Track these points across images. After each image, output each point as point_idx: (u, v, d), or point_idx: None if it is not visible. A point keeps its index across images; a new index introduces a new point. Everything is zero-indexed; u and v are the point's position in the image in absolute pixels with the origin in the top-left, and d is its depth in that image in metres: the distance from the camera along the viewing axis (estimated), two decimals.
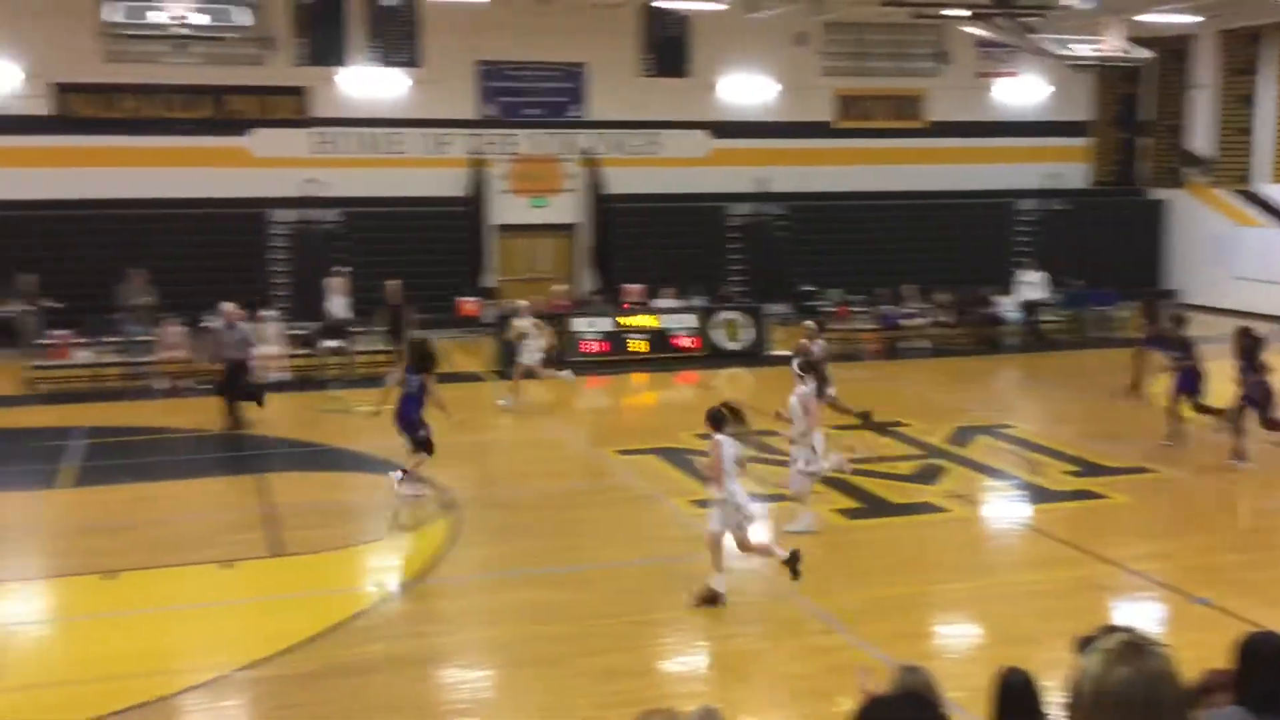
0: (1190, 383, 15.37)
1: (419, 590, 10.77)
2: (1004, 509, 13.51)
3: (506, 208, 27.19)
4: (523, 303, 20.04)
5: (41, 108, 24.01)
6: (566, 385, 19.24)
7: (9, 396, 19.14)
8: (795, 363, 12.70)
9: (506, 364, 19.73)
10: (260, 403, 17.22)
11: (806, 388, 12.24)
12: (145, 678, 8.74)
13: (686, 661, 9.35)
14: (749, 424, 10.63)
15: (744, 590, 10.52)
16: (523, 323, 19.01)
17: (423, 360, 13.52)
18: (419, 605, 10.45)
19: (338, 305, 22.40)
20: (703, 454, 10.57)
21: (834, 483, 13.63)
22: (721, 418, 10.18)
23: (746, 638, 9.60)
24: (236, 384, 17.07)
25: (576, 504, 13.35)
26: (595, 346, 22.38)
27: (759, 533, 10.64)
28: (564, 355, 20.59)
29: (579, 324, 22.56)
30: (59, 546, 11.97)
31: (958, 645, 9.82)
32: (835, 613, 9.85)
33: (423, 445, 13.35)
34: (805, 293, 27.26)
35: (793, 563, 10.07)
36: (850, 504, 13.05)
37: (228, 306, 17.61)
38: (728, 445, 10.04)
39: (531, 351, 18.74)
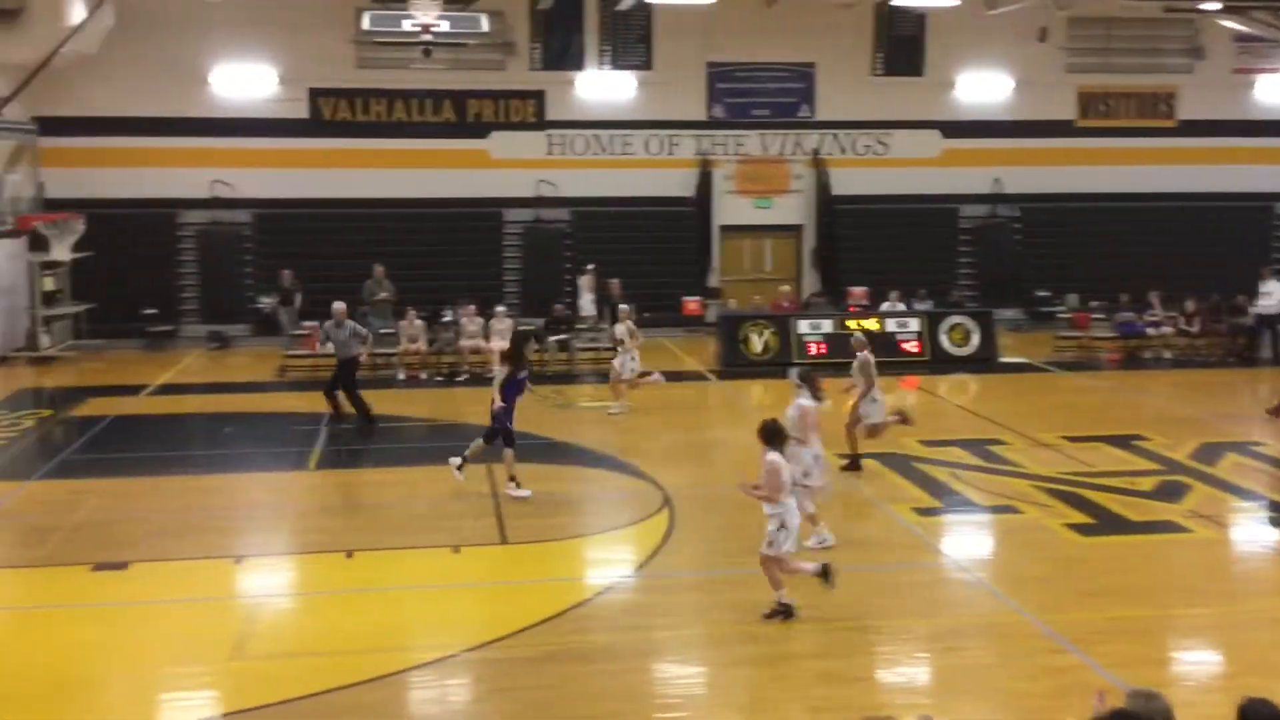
0: None
1: (637, 584, 10.90)
2: (1254, 531, 12.63)
3: (732, 208, 27.25)
4: (623, 307, 19.50)
5: (298, 112, 25.51)
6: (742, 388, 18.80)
7: (266, 383, 20.45)
8: (793, 374, 12.23)
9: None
10: (367, 415, 17.11)
11: (806, 399, 11.73)
12: (378, 654, 9.17)
13: (905, 672, 9.12)
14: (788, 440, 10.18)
15: (971, 604, 10.22)
16: (619, 329, 18.42)
17: (517, 352, 13.74)
18: (636, 598, 10.57)
19: (587, 301, 22.97)
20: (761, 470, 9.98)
21: (1067, 496, 13.09)
22: (777, 434, 9.90)
23: (971, 651, 9.29)
24: (348, 380, 17.09)
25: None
26: (817, 348, 22.16)
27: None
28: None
29: (801, 326, 22.39)
30: (303, 525, 12.67)
31: (1198, 673, 9.24)
32: (1067, 632, 9.42)
33: (508, 438, 13.41)
34: (1039, 298, 26.31)
35: (825, 575, 9.70)
36: (1083, 519, 12.47)
37: (338, 305, 17.41)
38: (784, 463, 9.77)
39: (625, 359, 18.02)
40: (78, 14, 20.41)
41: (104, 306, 24.14)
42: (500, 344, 21.12)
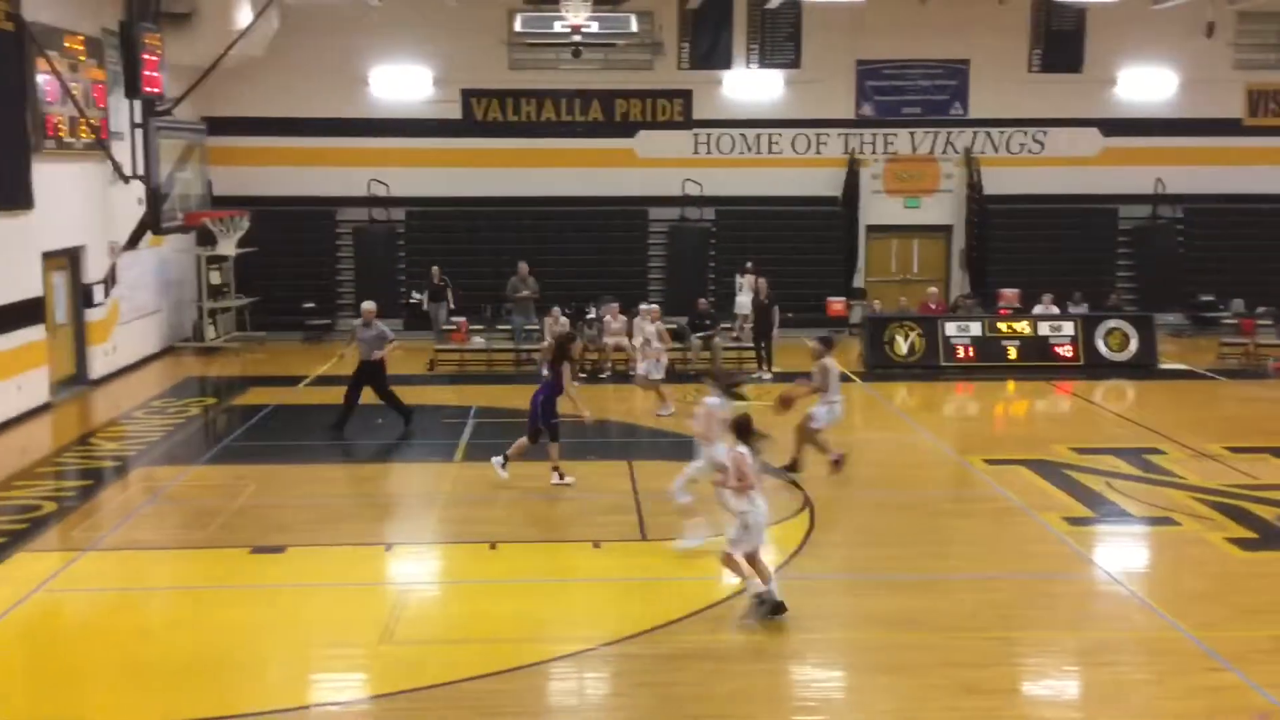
0: None
1: (776, 584, 10.82)
2: None
3: (879, 208, 26.88)
4: (644, 306, 19.33)
5: (451, 112, 26.10)
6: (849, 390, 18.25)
7: (417, 376, 20.99)
8: (713, 380, 12.49)
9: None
10: (407, 418, 16.74)
11: (714, 399, 11.83)
12: (519, 644, 9.33)
13: (1054, 685, 8.88)
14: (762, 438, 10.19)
15: (1123, 617, 9.90)
16: (649, 328, 18.12)
17: (560, 353, 13.89)
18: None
19: (745, 300, 22.98)
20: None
21: (1230, 509, 12.56)
22: (746, 429, 9.96)
23: (1122, 667, 8.99)
24: (376, 382, 16.57)
25: (940, 511, 13.01)
26: (965, 351, 21.73)
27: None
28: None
29: (949, 328, 21.97)
30: (449, 515, 12.96)
31: None
32: (1225, 650, 9.05)
33: (554, 433, 13.61)
34: (1202, 303, 25.31)
35: (761, 604, 9.73)
36: (1246, 533, 11.95)
37: (367, 305, 17.10)
38: (750, 456, 9.79)
39: (651, 360, 17.85)
40: (245, 17, 21.26)
41: (266, 300, 25.15)
42: (656, 344, 21.30)
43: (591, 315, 21.97)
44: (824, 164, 26.59)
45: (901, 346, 21.86)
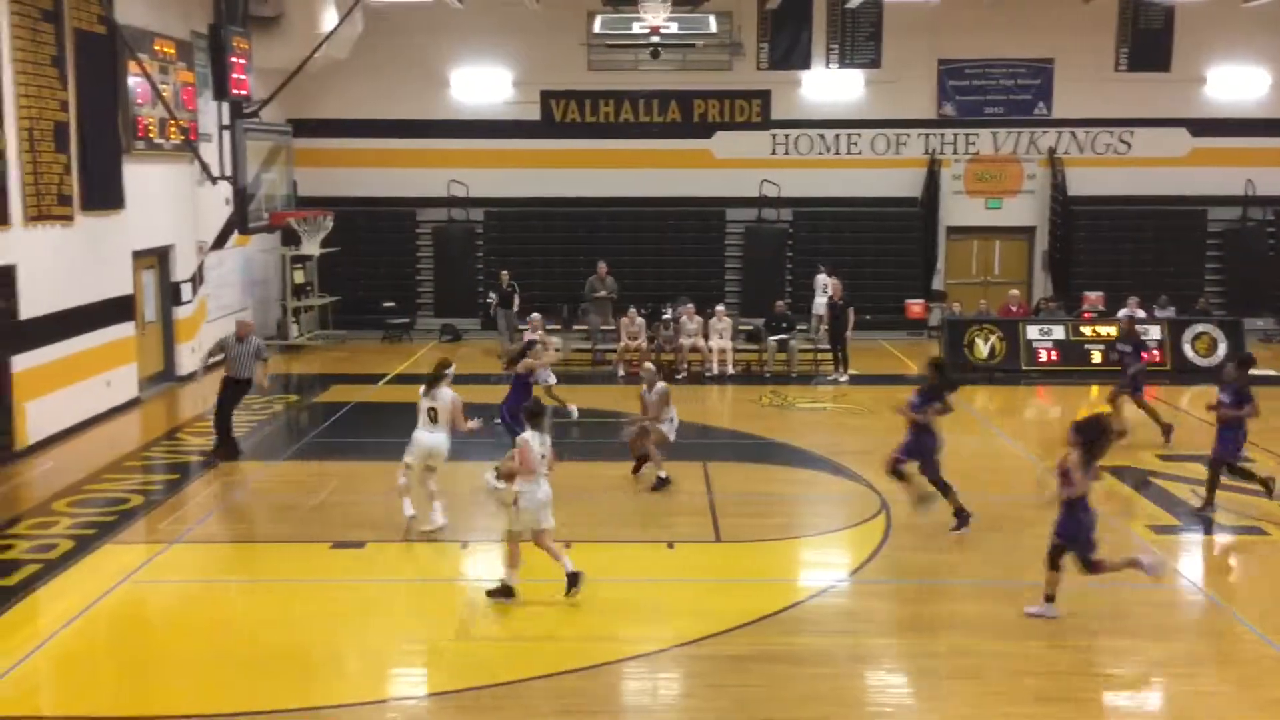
0: None
1: (851, 589, 10.78)
2: None
3: (960, 209, 26.57)
4: (534, 316, 18.85)
5: (530, 114, 26.29)
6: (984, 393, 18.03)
7: (492, 375, 21.14)
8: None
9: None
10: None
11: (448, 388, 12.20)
12: (592, 643, 9.39)
13: (1136, 697, 8.71)
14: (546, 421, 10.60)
15: (1208, 628, 9.69)
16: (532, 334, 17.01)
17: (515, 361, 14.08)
18: (850, 603, 10.45)
19: (821, 302, 22.87)
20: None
21: None
22: (534, 414, 10.56)
23: (1205, 679, 8.81)
24: (235, 402, 15.52)
25: (1018, 517, 12.80)
26: (1047, 355, 21.39)
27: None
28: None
29: (1031, 331, 21.65)
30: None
31: None
32: None
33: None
34: None
35: (574, 583, 10.13)
36: None
37: (242, 318, 16.16)
38: (534, 442, 10.20)
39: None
40: (330, 21, 21.60)
41: (348, 299, 25.56)
42: (721, 343, 21.29)
43: (667, 316, 21.99)
44: (904, 164, 26.34)
45: (981, 350, 21.59)
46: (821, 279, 23.55)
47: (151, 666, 9.11)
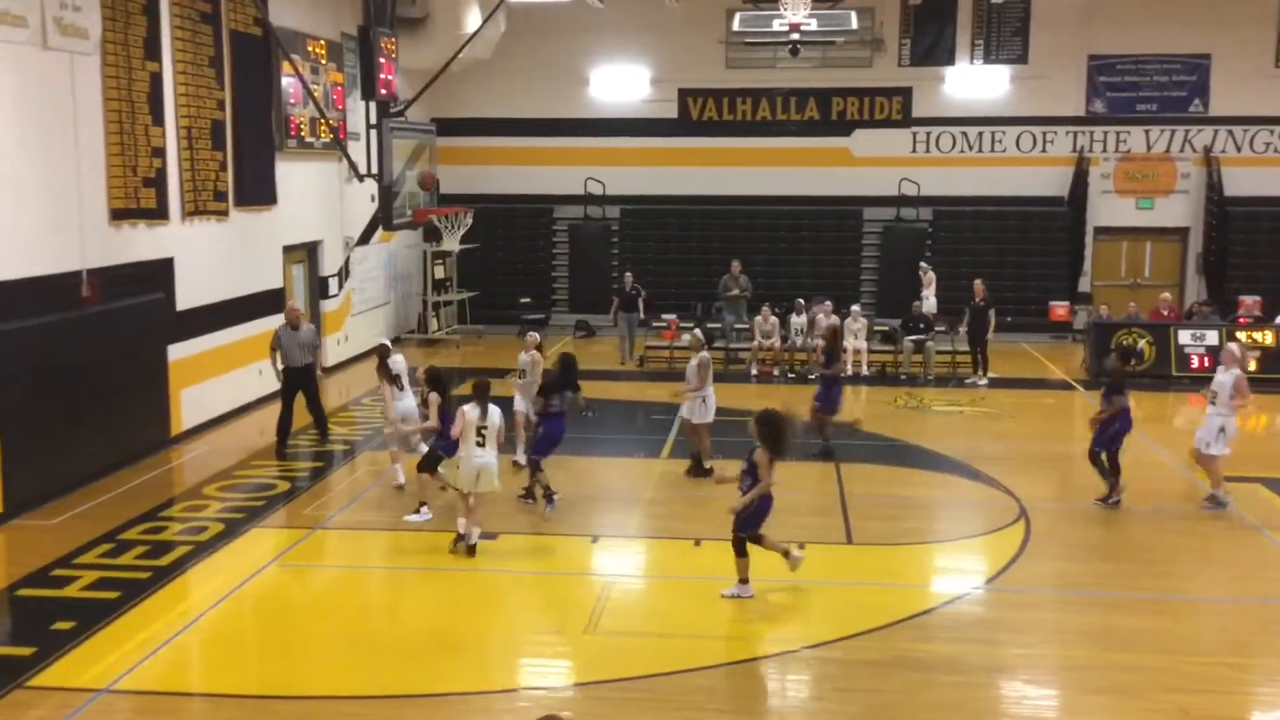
0: None
1: (987, 597, 10.54)
2: None
3: (1109, 208, 25.73)
4: (531, 335, 15.49)
5: (667, 112, 26.37)
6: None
7: (626, 371, 21.32)
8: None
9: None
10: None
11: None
12: (721, 641, 9.39)
13: None
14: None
15: None
16: (525, 357, 14.82)
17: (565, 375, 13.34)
18: (986, 611, 10.22)
19: (931, 302, 22.48)
20: None
21: None
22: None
23: None
24: (308, 390, 15.66)
25: (1165, 528, 12.38)
26: (1199, 361, 20.57)
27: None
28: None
29: (1183, 336, 20.86)
30: (655, 511, 13.11)
31: None
32: None
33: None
34: None
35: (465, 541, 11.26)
36: None
37: (293, 304, 16.44)
38: (472, 413, 11.32)
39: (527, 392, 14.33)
40: (474, 22, 22.01)
41: (485, 294, 26.01)
42: (856, 344, 21.03)
43: (802, 317, 21.80)
44: (1050, 163, 25.65)
45: None
46: (925, 277, 23.29)
47: (293, 648, 9.42)
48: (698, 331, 15.04)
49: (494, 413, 11.61)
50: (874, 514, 12.76)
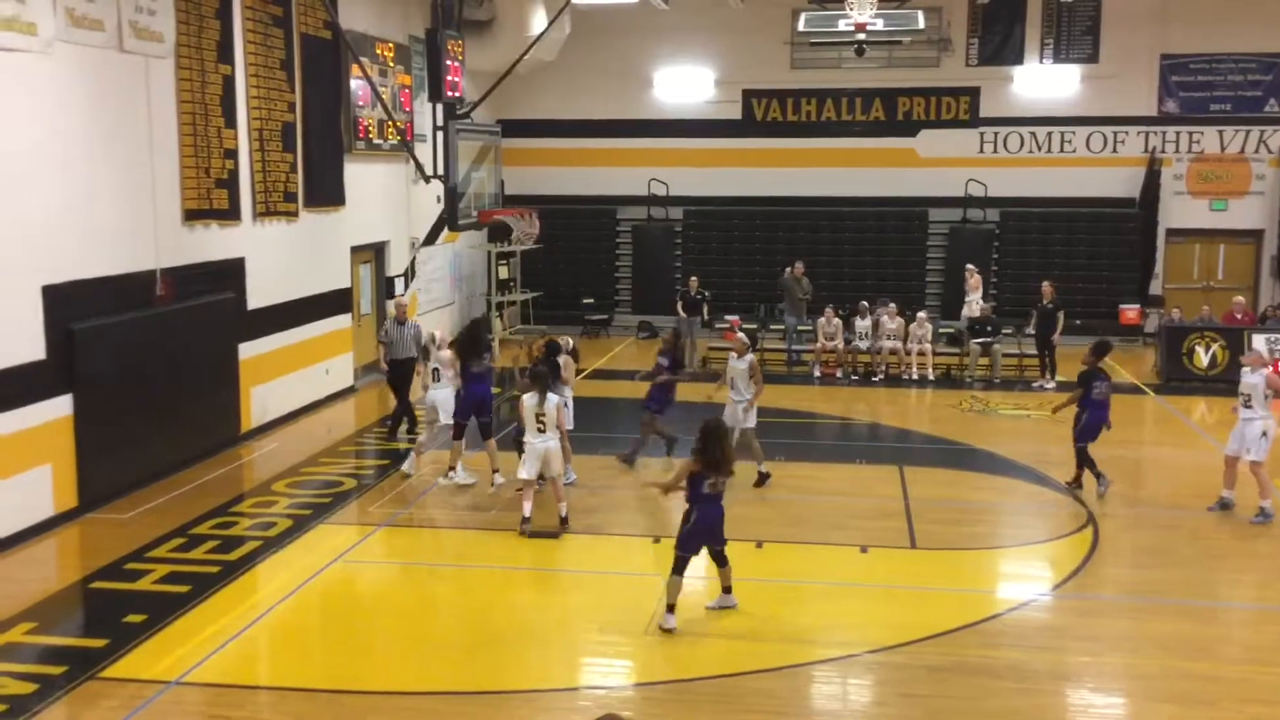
0: None
1: (1053, 603, 10.41)
2: None
3: (1181, 210, 25.25)
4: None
5: (731, 113, 26.31)
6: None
7: (689, 374, 21.25)
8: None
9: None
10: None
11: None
12: (781, 644, 9.35)
13: None
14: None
15: None
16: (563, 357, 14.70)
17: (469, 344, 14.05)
18: (1053, 618, 10.09)
19: (973, 303, 22.25)
20: None
21: None
22: (536, 377, 12.25)
23: None
24: (404, 382, 16.24)
25: (1239, 535, 12.13)
26: (1274, 366, 20.08)
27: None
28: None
29: (1257, 340, 20.38)
30: None
31: None
32: None
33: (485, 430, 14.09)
34: None
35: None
36: None
37: (400, 299, 17.57)
38: (529, 401, 11.92)
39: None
40: (540, 24, 22.12)
41: (549, 295, 26.14)
42: (921, 347, 20.84)
43: (867, 320, 21.63)
44: (1120, 163, 25.22)
45: (1202, 358, 20.50)
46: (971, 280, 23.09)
47: (359, 643, 9.53)
48: (742, 335, 15.07)
49: (551, 400, 11.94)
50: (939, 518, 12.64)
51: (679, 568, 9.63)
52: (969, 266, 23.17)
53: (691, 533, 9.68)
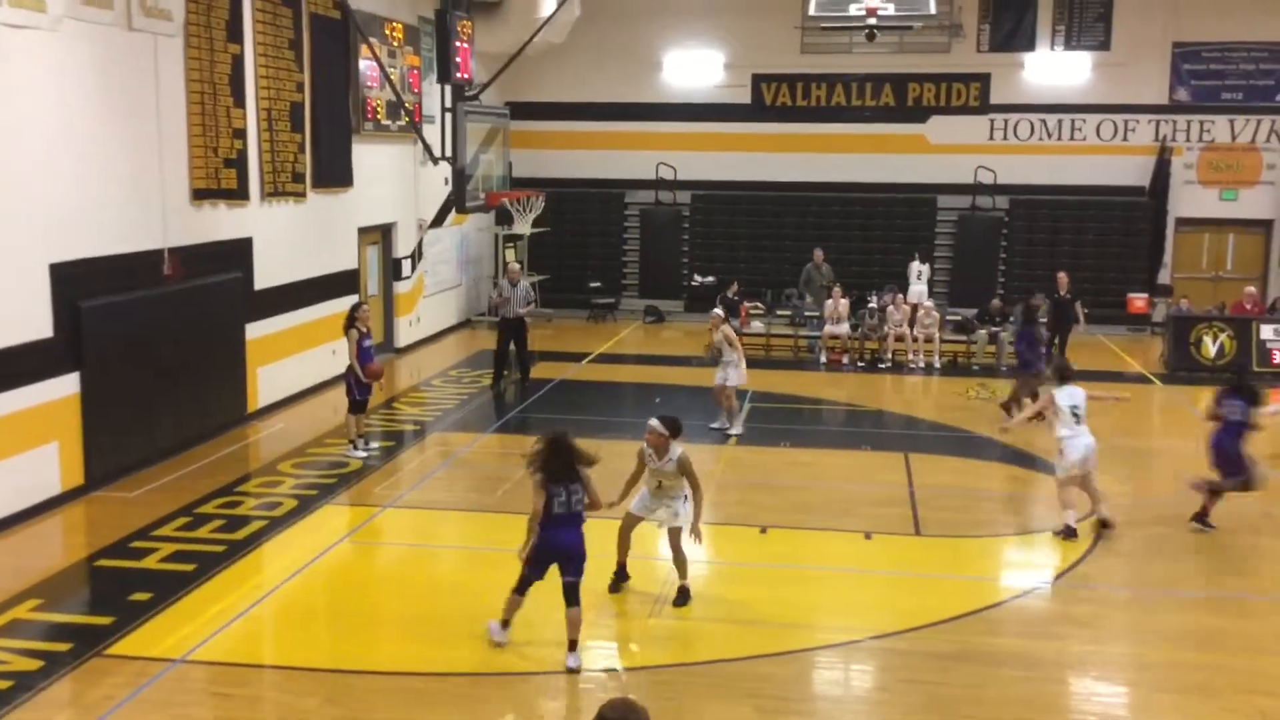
0: None
1: (1058, 592, 10.40)
2: None
3: (1191, 199, 25.16)
4: (716, 312, 16.31)
5: (740, 97, 26.23)
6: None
7: (695, 358, 21.24)
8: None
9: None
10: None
11: None
12: (785, 629, 9.36)
13: None
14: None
15: None
16: (718, 335, 15.59)
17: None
18: (1057, 607, 10.08)
19: (917, 290, 22.53)
20: None
21: None
22: (1060, 371, 12.18)
23: None
24: (519, 338, 18.39)
25: (1246, 527, 12.10)
26: None
27: None
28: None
29: (1266, 330, 20.39)
30: (722, 498, 13.06)
31: None
32: None
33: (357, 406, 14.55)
34: None
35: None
36: None
37: (514, 265, 19.49)
38: (1061, 397, 11.79)
39: (729, 371, 15.50)
40: (549, 5, 22.06)
41: (555, 278, 26.12)
42: (928, 333, 20.81)
43: (873, 304, 21.62)
44: (1131, 151, 25.13)
45: (1209, 348, 20.46)
46: (915, 266, 23.36)
47: (364, 623, 9.56)
48: (658, 424, 13.23)
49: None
50: (943, 505, 12.64)
51: (520, 586, 8.81)
52: (916, 254, 23.40)
53: (533, 555, 8.71)
